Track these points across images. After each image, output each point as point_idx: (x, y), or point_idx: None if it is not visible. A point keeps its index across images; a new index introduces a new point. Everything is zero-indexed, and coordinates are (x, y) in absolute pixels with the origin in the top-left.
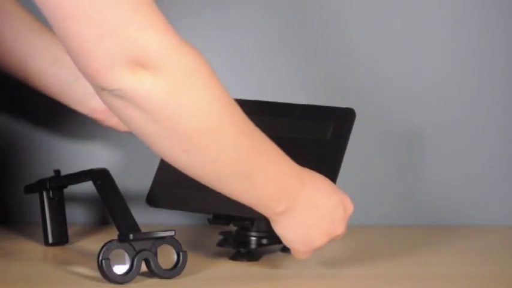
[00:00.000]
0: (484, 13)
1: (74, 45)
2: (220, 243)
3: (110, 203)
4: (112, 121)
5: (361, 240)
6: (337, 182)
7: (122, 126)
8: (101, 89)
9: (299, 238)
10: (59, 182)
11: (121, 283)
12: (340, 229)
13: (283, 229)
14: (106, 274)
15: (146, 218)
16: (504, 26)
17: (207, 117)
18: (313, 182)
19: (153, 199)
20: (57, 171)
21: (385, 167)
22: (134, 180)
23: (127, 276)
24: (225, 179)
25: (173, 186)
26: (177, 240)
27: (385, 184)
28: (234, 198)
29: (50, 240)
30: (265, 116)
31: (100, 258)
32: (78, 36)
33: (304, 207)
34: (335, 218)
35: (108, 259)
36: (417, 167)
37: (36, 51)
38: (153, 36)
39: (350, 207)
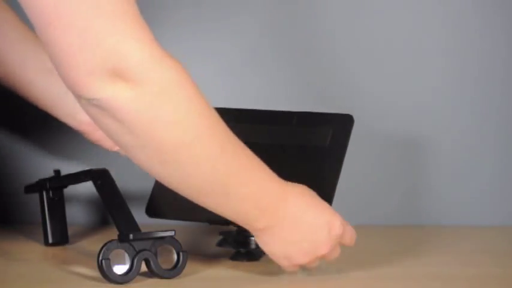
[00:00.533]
0: (484, 14)
1: (56, 51)
2: (220, 243)
3: (109, 203)
4: (98, 135)
5: (361, 240)
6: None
7: (105, 143)
8: (79, 97)
9: (280, 254)
10: (59, 182)
11: (121, 283)
12: (323, 250)
13: (264, 243)
14: (106, 274)
15: (146, 218)
16: (504, 27)
17: (183, 131)
18: (298, 200)
19: (153, 210)
20: (57, 171)
21: (385, 167)
22: (134, 180)
23: (127, 276)
24: (202, 193)
25: (172, 197)
26: (177, 240)
27: (385, 184)
28: (213, 211)
29: (50, 240)
30: (264, 124)
31: (100, 258)
32: (61, 43)
33: (285, 225)
34: (317, 238)
35: (108, 259)
36: (417, 168)
37: (29, 62)
38: (135, 48)
39: (336, 229)
